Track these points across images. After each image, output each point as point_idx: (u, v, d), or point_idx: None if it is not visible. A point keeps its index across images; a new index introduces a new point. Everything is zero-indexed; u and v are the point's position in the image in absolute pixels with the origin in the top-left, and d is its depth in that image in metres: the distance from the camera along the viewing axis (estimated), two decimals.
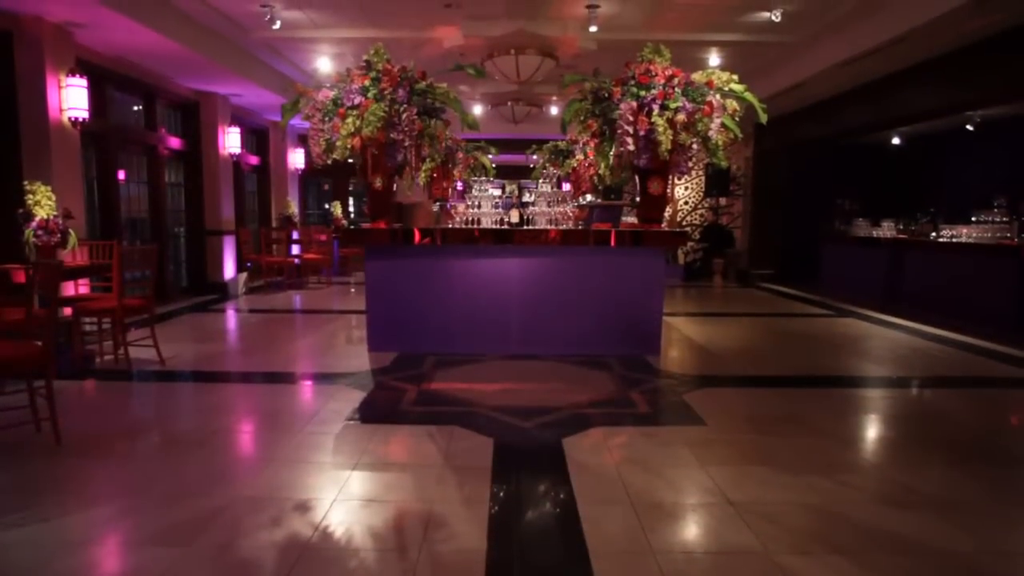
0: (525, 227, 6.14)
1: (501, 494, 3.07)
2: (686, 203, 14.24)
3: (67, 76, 6.49)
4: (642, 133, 5.33)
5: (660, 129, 5.18)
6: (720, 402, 4.61)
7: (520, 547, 2.60)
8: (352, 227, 6.36)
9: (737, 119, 5.54)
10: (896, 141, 12.76)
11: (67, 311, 5.46)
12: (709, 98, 5.29)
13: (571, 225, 6.47)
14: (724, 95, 5.42)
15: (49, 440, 3.64)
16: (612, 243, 5.77)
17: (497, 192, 9.45)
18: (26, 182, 5.42)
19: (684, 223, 13.86)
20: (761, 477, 3.29)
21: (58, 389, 4.04)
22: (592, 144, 6.30)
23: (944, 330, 7.33)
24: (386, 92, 5.37)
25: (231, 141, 10.37)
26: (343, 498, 3.01)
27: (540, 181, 7.73)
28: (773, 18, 7.61)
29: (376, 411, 4.34)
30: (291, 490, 3.10)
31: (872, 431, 4.21)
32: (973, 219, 8.57)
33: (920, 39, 7.09)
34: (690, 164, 5.61)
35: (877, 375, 5.56)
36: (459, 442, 3.74)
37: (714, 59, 9.41)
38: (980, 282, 7.47)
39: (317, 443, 3.72)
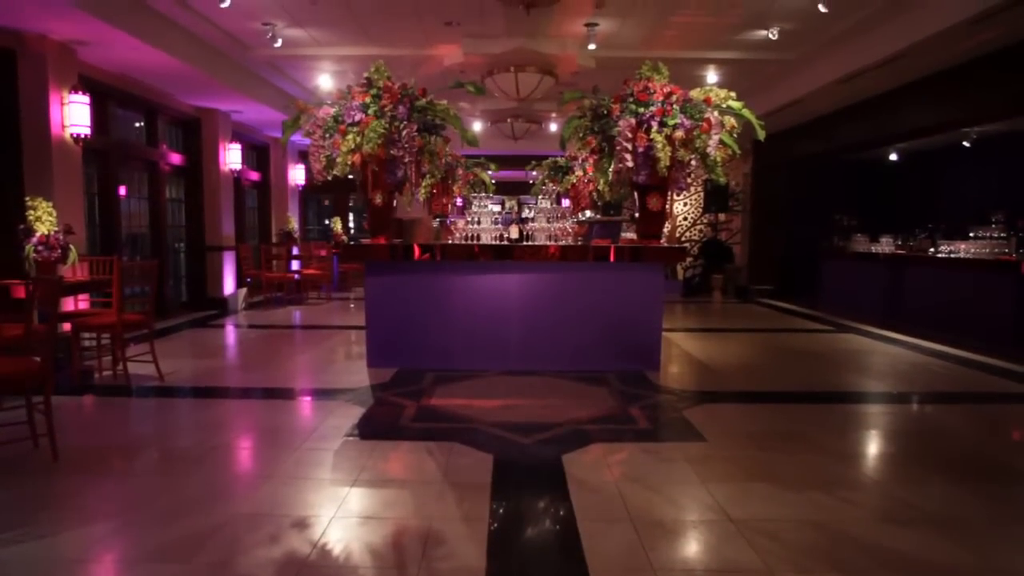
0: (524, 243, 6.16)
1: (501, 511, 3.05)
2: (685, 219, 14.29)
3: (70, 93, 6.54)
4: (641, 150, 5.37)
5: (659, 146, 5.22)
6: (720, 418, 4.59)
7: (520, 565, 2.59)
8: (352, 243, 6.40)
9: (735, 135, 5.57)
10: (894, 157, 12.82)
11: (66, 326, 5.46)
12: (707, 115, 5.33)
13: (570, 241, 6.49)
14: (722, 112, 5.47)
15: (46, 456, 3.63)
16: (611, 259, 5.78)
17: (497, 208, 9.47)
18: (27, 198, 5.44)
19: (683, 239, 13.90)
20: (762, 494, 3.28)
21: (56, 405, 4.03)
22: (591, 160, 6.35)
23: (944, 345, 7.33)
24: (386, 109, 5.41)
25: (232, 157, 10.42)
26: (342, 515, 2.99)
27: (539, 197, 7.77)
28: (770, 36, 7.70)
29: (375, 427, 4.33)
30: (289, 507, 3.08)
31: (873, 447, 4.20)
32: (971, 235, 8.59)
33: (916, 57, 7.16)
34: (689, 180, 5.65)
35: (877, 391, 5.55)
36: (458, 458, 3.72)
37: (712, 76, 9.50)
38: (979, 297, 7.48)
39: (316, 459, 3.71)
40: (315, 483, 3.37)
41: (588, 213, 9.54)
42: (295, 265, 12.24)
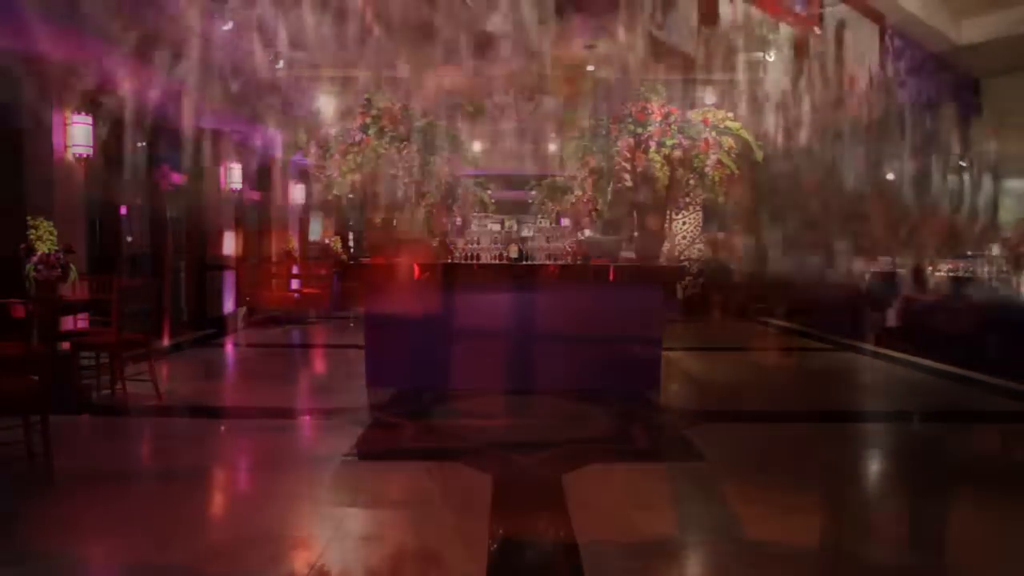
0: (524, 262, 6.18)
1: (500, 532, 3.02)
2: (683, 238, 14.31)
3: (73, 114, 6.59)
4: (639, 169, 5.41)
5: (657, 166, 5.27)
6: (720, 437, 4.57)
7: None
8: (352, 262, 6.40)
9: (733, 155, 5.62)
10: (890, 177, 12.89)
11: (65, 345, 5.44)
12: (705, 135, 5.38)
13: (569, 260, 6.51)
14: (720, 132, 5.52)
15: (42, 477, 3.60)
16: (611, 277, 5.79)
17: (496, 227, 9.54)
18: (29, 217, 5.46)
19: (682, 257, 13.91)
20: (763, 514, 3.25)
21: (53, 424, 4.00)
22: (590, 180, 6.38)
23: (943, 364, 7.29)
24: (387, 130, 5.46)
25: (233, 177, 10.46)
26: (340, 536, 2.96)
27: (539, 217, 7.81)
28: (767, 59, 7.78)
29: (374, 447, 4.30)
30: (287, 528, 3.06)
31: (874, 466, 4.17)
32: (968, 253, 8.62)
33: None
34: (687, 199, 5.68)
35: (878, 410, 5.53)
36: (458, 479, 3.70)
37: (710, 97, 9.57)
38: (977, 317, 7.46)
39: (314, 480, 3.68)
40: (313, 504, 3.35)
41: (587, 232, 9.58)
42: (295, 284, 12.23)
